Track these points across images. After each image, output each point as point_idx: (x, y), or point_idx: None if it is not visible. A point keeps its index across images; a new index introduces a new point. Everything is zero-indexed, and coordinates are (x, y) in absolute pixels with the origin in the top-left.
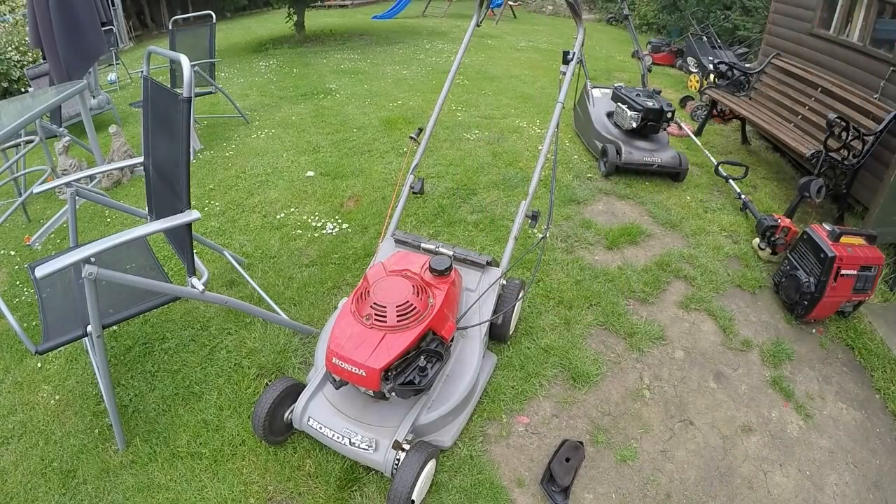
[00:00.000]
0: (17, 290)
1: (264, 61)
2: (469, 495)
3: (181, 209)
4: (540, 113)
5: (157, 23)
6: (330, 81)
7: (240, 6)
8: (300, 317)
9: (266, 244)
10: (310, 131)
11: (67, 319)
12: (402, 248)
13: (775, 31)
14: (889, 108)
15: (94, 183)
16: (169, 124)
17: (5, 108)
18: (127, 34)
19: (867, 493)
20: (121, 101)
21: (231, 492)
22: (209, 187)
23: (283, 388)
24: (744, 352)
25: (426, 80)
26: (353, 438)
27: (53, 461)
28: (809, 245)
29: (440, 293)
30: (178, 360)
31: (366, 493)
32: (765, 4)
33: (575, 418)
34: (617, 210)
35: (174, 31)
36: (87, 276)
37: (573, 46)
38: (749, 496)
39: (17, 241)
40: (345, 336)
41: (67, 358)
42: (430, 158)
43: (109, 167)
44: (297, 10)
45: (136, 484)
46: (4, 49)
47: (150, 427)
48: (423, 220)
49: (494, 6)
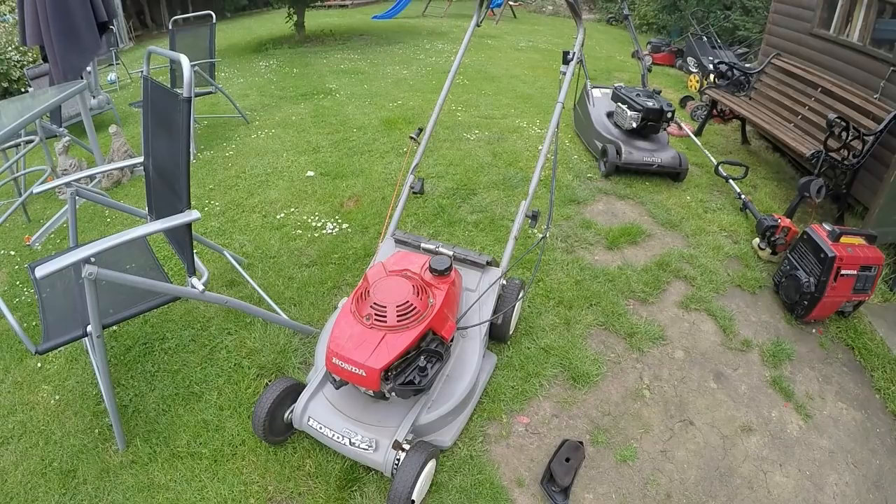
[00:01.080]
0: (17, 290)
1: (264, 61)
2: (469, 495)
3: (181, 209)
4: (540, 113)
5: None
6: (330, 81)
7: (240, 6)
8: (300, 317)
9: (266, 244)
10: (310, 131)
11: (67, 319)
12: (402, 248)
13: (775, 31)
14: (889, 108)
15: (94, 183)
16: (169, 124)
17: (5, 108)
18: (127, 34)
19: (867, 493)
20: (121, 101)
21: (231, 492)
22: (209, 187)
23: (283, 388)
24: (744, 352)
25: (426, 80)
26: (354, 438)
27: (53, 461)
28: (809, 245)
29: (440, 293)
30: (178, 360)
31: (366, 493)
32: (765, 4)
33: (575, 418)
34: (617, 210)
35: (174, 31)
36: (87, 276)
37: (573, 46)
38: (749, 496)
39: (17, 241)
40: (345, 336)
41: (67, 358)
42: (430, 158)
43: (109, 167)
44: (297, 10)
45: (136, 484)
46: (4, 49)
47: (150, 427)
48: (423, 220)
49: (494, 6)
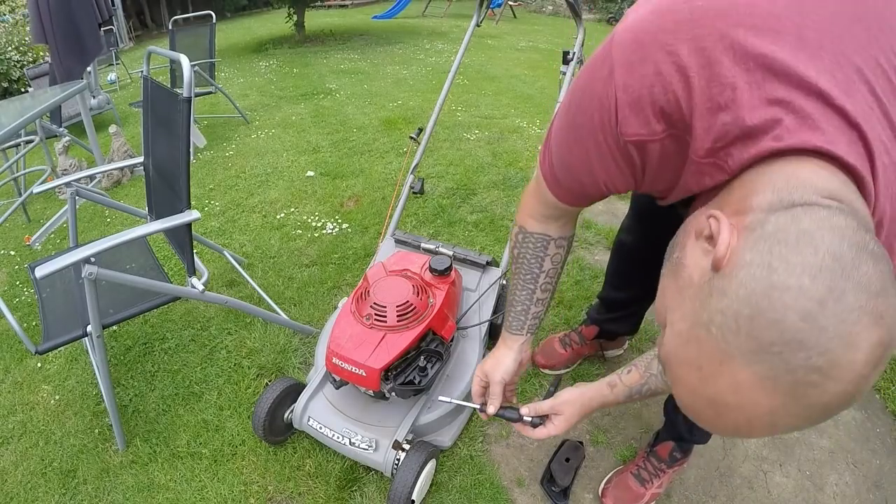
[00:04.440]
0: (17, 290)
1: (264, 61)
2: (469, 495)
3: (181, 209)
4: (540, 113)
5: (157, 23)
6: (330, 81)
7: (240, 6)
8: (300, 317)
9: (266, 244)
10: (310, 131)
11: (67, 319)
12: (402, 248)
13: None
14: None
15: (94, 183)
16: (169, 124)
17: (5, 108)
18: (127, 34)
19: (867, 493)
20: (121, 101)
21: (231, 492)
22: (209, 187)
23: (283, 388)
24: None
25: (426, 80)
26: (354, 438)
27: (53, 461)
28: None
29: (440, 293)
30: (178, 360)
31: (366, 493)
32: None
33: None
34: (617, 210)
35: (174, 31)
36: (87, 276)
37: (573, 46)
38: (749, 496)
39: (17, 241)
40: (345, 336)
41: (67, 358)
42: (430, 158)
43: (109, 167)
44: (297, 10)
45: (136, 484)
46: (4, 49)
47: (150, 427)
48: (423, 220)
49: (494, 6)
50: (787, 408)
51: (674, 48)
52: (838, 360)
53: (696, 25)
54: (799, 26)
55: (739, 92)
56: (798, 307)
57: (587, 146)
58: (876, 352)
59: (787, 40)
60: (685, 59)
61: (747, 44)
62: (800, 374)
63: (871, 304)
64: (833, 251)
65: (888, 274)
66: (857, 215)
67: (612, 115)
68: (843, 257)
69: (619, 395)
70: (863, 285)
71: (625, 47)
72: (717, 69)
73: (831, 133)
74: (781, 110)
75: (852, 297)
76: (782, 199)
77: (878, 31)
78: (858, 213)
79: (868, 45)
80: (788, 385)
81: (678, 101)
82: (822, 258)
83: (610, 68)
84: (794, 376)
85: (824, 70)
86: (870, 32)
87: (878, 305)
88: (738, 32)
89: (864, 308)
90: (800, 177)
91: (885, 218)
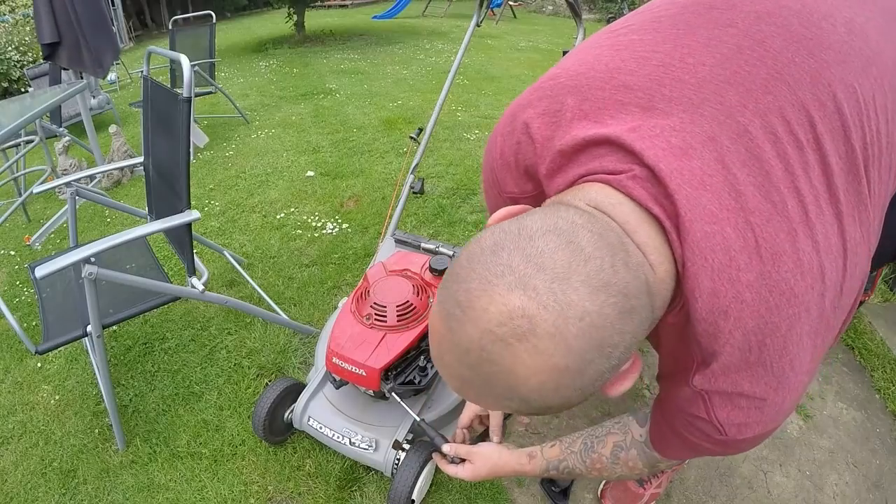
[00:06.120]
0: (17, 290)
1: (264, 61)
2: (469, 495)
3: (181, 209)
4: None
5: (157, 23)
6: (330, 81)
7: (240, 6)
8: (300, 317)
9: (266, 244)
10: (310, 131)
11: (67, 319)
12: (402, 247)
13: None
14: None
15: (94, 183)
16: (169, 124)
17: (5, 108)
18: (127, 34)
19: (867, 493)
20: (121, 101)
21: (231, 492)
22: (209, 187)
23: (283, 388)
24: None
25: (426, 80)
26: (354, 438)
27: (53, 461)
28: None
29: None
30: (178, 360)
31: (366, 493)
32: None
33: (575, 418)
34: None
35: (174, 31)
36: (87, 276)
37: (573, 46)
38: (749, 496)
39: (17, 241)
40: (345, 336)
41: (67, 358)
42: (430, 158)
43: (109, 167)
44: (297, 10)
45: (136, 484)
46: (4, 49)
47: (150, 427)
48: (423, 220)
49: (494, 6)
50: (447, 340)
51: (528, 119)
52: (474, 302)
53: (552, 100)
54: (650, 97)
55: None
56: (468, 252)
57: (491, 195)
58: (515, 319)
59: (629, 110)
60: (534, 129)
61: (579, 122)
62: (449, 304)
63: (529, 273)
64: (529, 226)
65: (579, 271)
66: (600, 222)
67: (495, 176)
68: (533, 233)
69: (537, 467)
70: (532, 257)
71: (503, 120)
72: (553, 141)
73: (624, 166)
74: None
75: (512, 257)
76: (561, 198)
77: (760, 93)
78: (608, 223)
79: (736, 110)
80: (445, 313)
81: (535, 165)
82: (516, 227)
83: (495, 136)
84: (445, 305)
85: (655, 136)
86: (748, 95)
87: (537, 282)
88: (580, 110)
89: (516, 270)
90: (585, 189)
91: (697, 292)
